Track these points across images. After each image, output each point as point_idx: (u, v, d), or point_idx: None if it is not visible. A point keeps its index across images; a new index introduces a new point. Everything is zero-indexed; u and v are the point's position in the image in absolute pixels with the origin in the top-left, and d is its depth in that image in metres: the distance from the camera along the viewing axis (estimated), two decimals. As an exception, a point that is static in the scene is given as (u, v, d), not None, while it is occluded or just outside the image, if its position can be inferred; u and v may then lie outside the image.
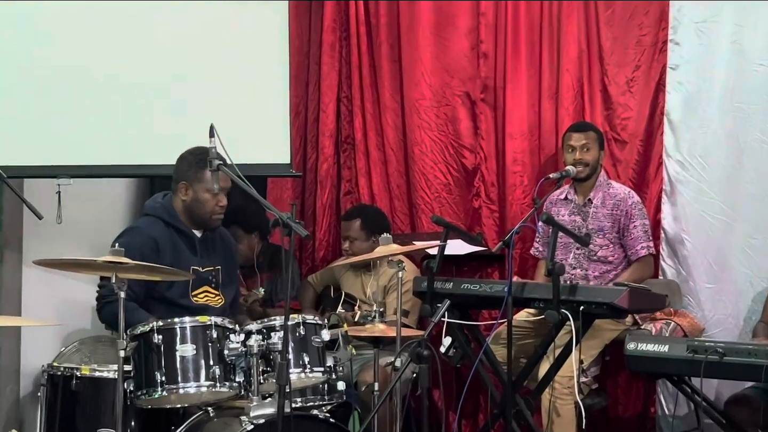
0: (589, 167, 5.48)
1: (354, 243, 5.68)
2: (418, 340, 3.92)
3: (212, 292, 4.74)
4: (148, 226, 4.71)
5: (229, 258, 4.92)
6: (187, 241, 4.72)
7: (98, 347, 5.67)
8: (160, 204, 4.78)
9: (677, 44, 5.75)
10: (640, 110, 5.85)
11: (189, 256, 4.70)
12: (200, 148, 4.67)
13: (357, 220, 5.73)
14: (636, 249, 5.43)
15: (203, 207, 4.69)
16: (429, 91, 6.26)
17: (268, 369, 4.14)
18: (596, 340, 5.20)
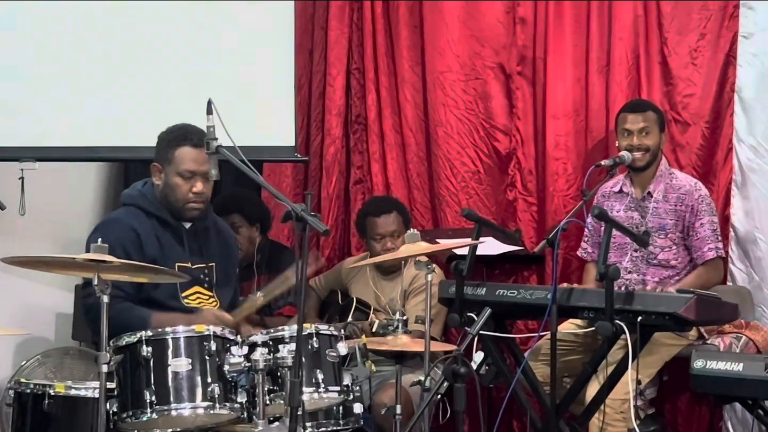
0: (649, 154, 5.48)
1: (399, 239, 5.68)
2: (453, 356, 3.92)
3: (205, 294, 4.73)
4: (126, 216, 4.70)
5: (226, 254, 4.90)
6: (173, 234, 4.71)
7: (65, 361, 5.68)
8: (139, 192, 4.78)
9: (751, 9, 5.76)
10: (706, 86, 5.86)
11: (176, 252, 4.68)
12: (180, 125, 4.71)
13: (396, 212, 5.78)
14: (703, 251, 5.44)
15: (174, 193, 4.67)
16: (455, 63, 6.27)
17: (274, 388, 4.14)
18: (654, 356, 5.21)
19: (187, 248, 4.72)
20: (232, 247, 5.02)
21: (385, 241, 5.73)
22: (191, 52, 5.82)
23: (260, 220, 5.99)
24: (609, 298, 4.65)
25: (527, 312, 5.17)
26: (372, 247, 5.80)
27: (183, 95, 5.67)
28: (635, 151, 5.45)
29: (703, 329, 5.34)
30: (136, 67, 5.74)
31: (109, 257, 3.95)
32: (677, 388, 5.71)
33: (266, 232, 6.08)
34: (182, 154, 4.60)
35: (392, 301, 5.74)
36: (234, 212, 5.71)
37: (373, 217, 5.80)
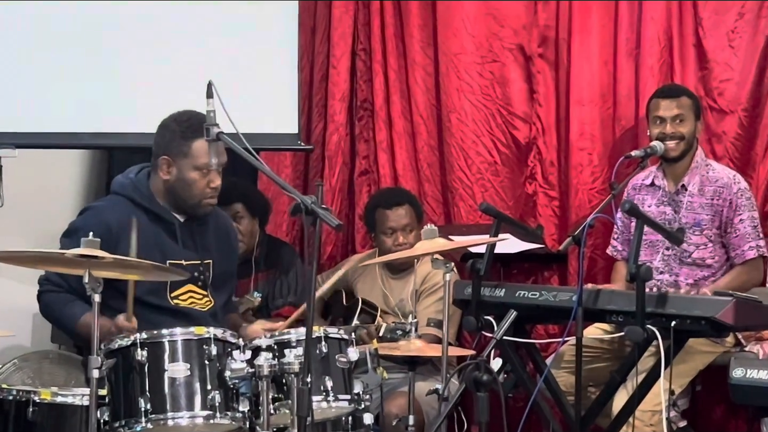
0: (684, 143, 5.48)
1: (412, 234, 5.71)
2: (476, 362, 3.94)
3: (198, 293, 4.73)
4: (107, 206, 4.71)
5: (225, 250, 4.91)
6: (164, 229, 4.71)
7: (44, 365, 5.71)
8: (130, 180, 4.77)
9: (794, -13, 5.80)
10: (744, 71, 5.89)
11: (167, 247, 4.68)
12: (189, 113, 4.68)
13: (408, 205, 5.79)
14: (742, 249, 5.45)
15: (190, 189, 4.68)
16: (471, 44, 6.30)
17: (280, 396, 4.16)
18: (688, 365, 5.23)
19: (180, 244, 4.72)
20: (233, 243, 5.01)
21: (397, 236, 5.74)
22: (183, 32, 5.84)
23: (261, 213, 6.01)
24: (640, 300, 4.66)
25: (550, 315, 5.19)
26: (382, 243, 5.81)
27: (173, 78, 5.71)
28: (668, 139, 5.46)
29: (740, 335, 5.35)
30: (123, 49, 5.75)
31: (101, 253, 3.96)
32: (712, 400, 5.75)
33: (264, 226, 6.10)
34: (200, 148, 4.56)
35: (402, 302, 5.76)
36: (236, 201, 5.71)
37: (384, 209, 5.81)
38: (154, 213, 4.69)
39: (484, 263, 5.06)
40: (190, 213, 4.75)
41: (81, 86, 5.67)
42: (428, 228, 4.73)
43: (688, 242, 5.44)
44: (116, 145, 5.92)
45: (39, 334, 6.32)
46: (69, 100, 5.66)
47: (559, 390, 5.12)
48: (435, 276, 5.61)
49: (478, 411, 3.97)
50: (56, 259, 4.12)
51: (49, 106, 5.63)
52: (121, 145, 5.87)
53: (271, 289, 5.93)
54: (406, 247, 5.68)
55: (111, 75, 5.73)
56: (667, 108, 5.50)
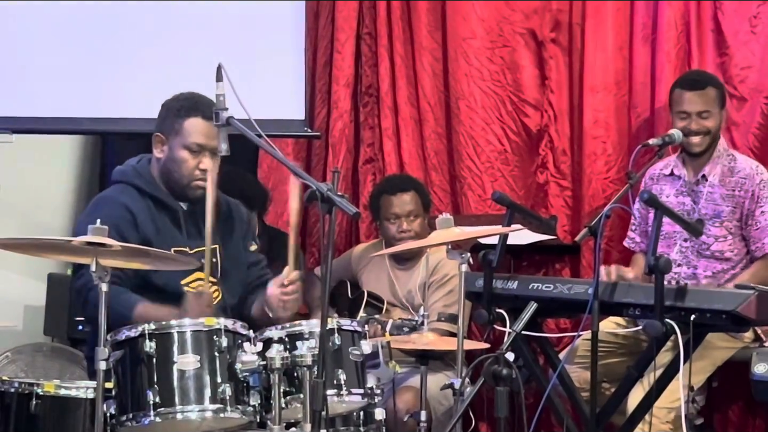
0: (710, 137, 5.51)
1: (416, 221, 5.75)
2: (494, 355, 3.97)
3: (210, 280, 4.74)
4: (117, 194, 4.72)
5: (233, 236, 4.93)
6: (169, 216, 4.74)
7: (37, 358, 5.75)
8: (133, 168, 4.80)
9: (815, -31, 5.84)
10: (766, 57, 5.93)
11: (172, 235, 4.71)
12: (189, 93, 4.73)
13: (413, 192, 5.82)
14: (763, 242, 5.48)
15: (180, 169, 4.71)
16: (480, 28, 6.34)
17: (291, 389, 4.18)
18: (706, 360, 5.26)
19: (185, 231, 4.75)
20: (242, 227, 5.02)
21: (401, 222, 5.78)
22: (183, 15, 5.88)
23: (260, 205, 6.04)
24: (659, 293, 4.65)
25: (564, 308, 5.18)
26: (386, 230, 5.85)
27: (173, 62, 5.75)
28: (693, 135, 5.48)
29: (760, 330, 5.39)
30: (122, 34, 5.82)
31: (109, 240, 3.99)
32: (729, 396, 5.80)
33: (263, 217, 6.12)
34: (191, 126, 4.63)
35: (410, 294, 5.78)
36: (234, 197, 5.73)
37: (389, 195, 5.85)
38: (158, 199, 4.72)
39: (497, 254, 5.05)
40: (181, 195, 4.77)
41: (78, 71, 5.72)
42: (443, 217, 4.75)
43: (707, 234, 5.47)
44: (115, 130, 5.97)
45: (31, 326, 6.35)
46: (66, 85, 5.69)
47: (573, 386, 5.12)
48: (444, 266, 5.63)
49: (497, 406, 4.00)
50: (62, 246, 4.14)
51: (46, 91, 5.66)
52: (119, 130, 5.91)
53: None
54: (409, 234, 5.72)
55: (109, 60, 5.79)
56: (692, 102, 5.49)
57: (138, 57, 5.80)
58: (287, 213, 6.43)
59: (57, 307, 6.18)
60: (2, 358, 5.64)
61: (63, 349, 5.88)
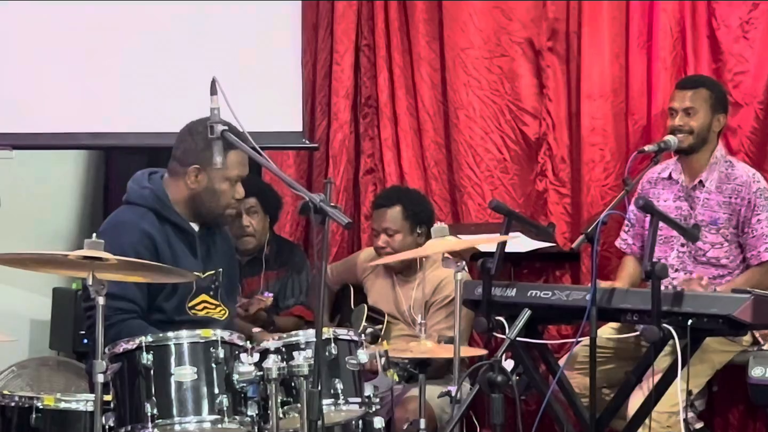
0: (693, 136, 5.49)
1: (394, 237, 5.70)
2: (489, 363, 3.97)
3: (211, 303, 4.78)
4: (138, 218, 4.70)
5: (230, 257, 4.98)
6: (184, 239, 4.75)
7: (42, 372, 5.74)
8: (150, 191, 4.76)
9: (808, -25, 5.84)
10: (759, 63, 5.91)
11: (188, 260, 4.73)
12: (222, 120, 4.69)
13: (397, 207, 5.75)
14: (758, 250, 5.46)
15: (217, 199, 4.73)
16: (479, 38, 6.34)
17: (288, 399, 4.18)
18: (705, 364, 5.26)
19: (199, 255, 4.78)
20: (233, 249, 5.11)
21: (378, 238, 5.75)
22: (182, 28, 5.90)
23: (273, 210, 6.06)
24: (656, 299, 4.67)
25: (563, 315, 5.22)
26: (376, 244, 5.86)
27: (173, 76, 5.77)
28: (677, 132, 5.48)
29: (758, 334, 5.38)
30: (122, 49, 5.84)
31: (106, 254, 3.99)
32: (729, 400, 5.78)
33: (274, 225, 6.14)
34: (233, 160, 4.62)
35: (411, 309, 5.75)
36: (251, 195, 5.73)
37: (374, 209, 5.89)
38: (175, 224, 4.74)
39: (495, 262, 5.07)
40: (211, 222, 4.81)
41: (78, 86, 5.74)
42: (438, 226, 4.74)
43: (704, 240, 5.46)
44: (114, 145, 5.98)
45: (37, 340, 6.36)
46: (66, 101, 5.71)
47: (572, 391, 5.14)
48: (447, 286, 5.58)
49: (493, 413, 4.00)
50: (59, 261, 4.15)
51: (46, 107, 5.68)
52: (119, 145, 5.92)
53: (282, 288, 5.97)
54: (386, 250, 5.70)
55: (109, 75, 5.81)
56: (679, 99, 5.53)
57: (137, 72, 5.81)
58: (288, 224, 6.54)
59: (62, 321, 6.20)
60: (8, 373, 5.64)
61: (68, 362, 5.88)
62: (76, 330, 6.07)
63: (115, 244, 4.28)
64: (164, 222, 4.71)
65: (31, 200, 6.00)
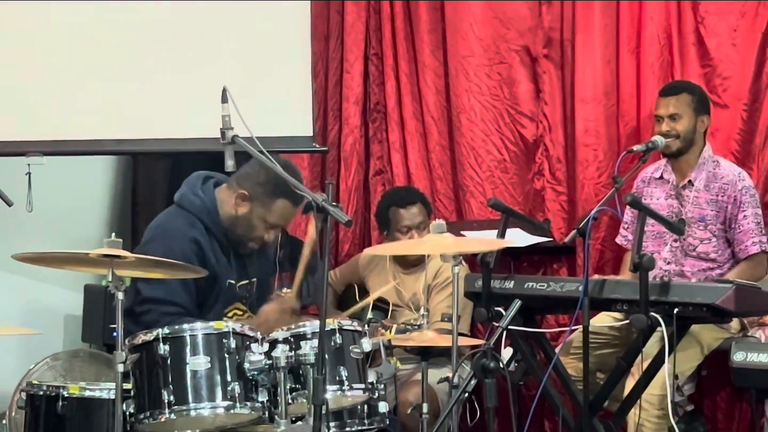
0: (680, 140, 5.50)
1: (425, 231, 5.72)
2: (482, 350, 3.97)
3: (241, 309, 4.83)
4: (186, 226, 4.72)
5: (265, 269, 5.03)
6: (223, 251, 4.79)
7: (74, 363, 5.74)
8: (201, 201, 4.78)
9: (789, -15, 5.82)
10: (744, 67, 5.91)
11: (225, 269, 4.78)
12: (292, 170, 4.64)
13: (419, 204, 5.81)
14: (746, 245, 5.45)
15: (248, 231, 4.78)
16: (479, 46, 6.33)
17: (296, 386, 4.19)
18: (694, 349, 5.25)
19: (234, 266, 4.81)
20: (271, 261, 5.12)
21: (412, 234, 5.76)
22: (202, 40, 5.92)
23: None
24: (644, 289, 4.68)
25: (558, 305, 5.22)
26: (396, 240, 5.82)
27: (194, 84, 5.77)
28: (665, 137, 5.47)
29: (746, 321, 5.37)
30: (145, 57, 5.84)
31: (124, 252, 4.01)
32: (718, 384, 5.76)
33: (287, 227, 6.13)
34: (280, 208, 4.70)
35: (415, 297, 5.76)
36: None
37: (399, 208, 5.82)
38: (218, 239, 4.77)
39: (494, 256, 5.09)
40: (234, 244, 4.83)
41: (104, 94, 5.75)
42: (437, 223, 4.73)
43: (693, 236, 5.46)
44: (139, 150, 5.99)
45: (71, 333, 6.39)
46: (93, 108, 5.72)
47: (568, 377, 5.14)
48: (446, 271, 5.60)
49: (486, 397, 4.00)
50: (81, 259, 4.17)
51: (75, 115, 5.70)
52: (143, 150, 5.94)
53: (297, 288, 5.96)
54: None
55: (133, 83, 5.81)
56: (663, 106, 5.54)
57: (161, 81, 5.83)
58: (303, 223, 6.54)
59: (93, 315, 6.21)
60: (42, 364, 5.64)
61: (99, 354, 5.88)
62: (106, 324, 6.07)
63: (168, 250, 4.39)
64: (209, 232, 4.74)
65: (62, 204, 6.02)
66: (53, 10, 5.71)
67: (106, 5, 5.76)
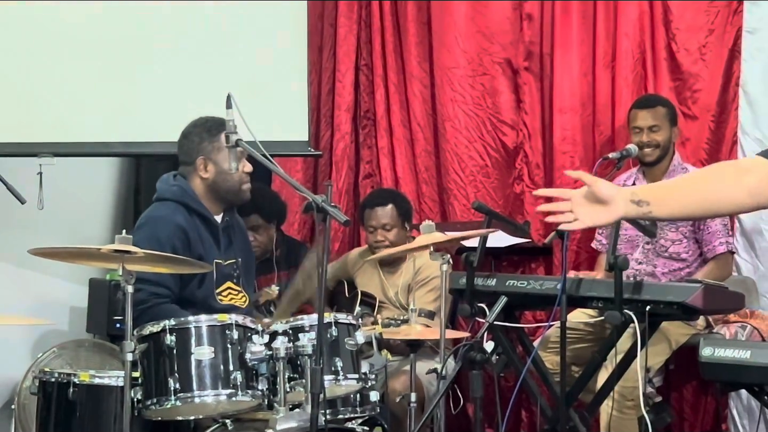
0: (660, 149, 5.55)
1: (391, 232, 5.74)
2: (470, 343, 3.99)
3: (235, 289, 4.81)
4: (171, 213, 4.70)
5: (246, 249, 4.99)
6: (210, 230, 4.76)
7: (80, 353, 5.74)
8: (178, 186, 4.77)
9: (756, 5, 5.84)
10: (712, 81, 5.95)
11: (213, 249, 4.74)
12: (205, 117, 4.76)
13: (390, 206, 5.79)
14: (713, 245, 5.50)
15: (230, 178, 4.73)
16: (463, 58, 6.35)
17: (294, 376, 4.20)
18: (663, 344, 5.28)
19: (222, 244, 4.79)
20: (248, 242, 5.12)
21: (376, 233, 5.77)
22: (204, 49, 5.91)
23: (278, 216, 6.05)
24: (618, 287, 4.70)
25: (537, 302, 5.22)
26: (367, 238, 5.87)
27: (195, 91, 5.77)
28: (645, 147, 5.52)
29: (711, 318, 5.41)
30: (150, 65, 5.84)
31: (134, 248, 4.02)
32: (684, 377, 5.80)
33: (281, 226, 6.14)
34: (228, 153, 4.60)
35: (397, 294, 5.79)
36: (252, 213, 5.74)
37: (368, 208, 5.84)
38: (203, 216, 4.75)
39: (477, 256, 5.10)
40: (234, 201, 4.82)
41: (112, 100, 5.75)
42: (426, 223, 4.78)
43: (665, 238, 5.50)
44: (144, 153, 5.99)
45: (75, 324, 6.38)
46: (101, 112, 5.73)
47: (545, 369, 5.16)
48: (427, 268, 5.64)
49: (473, 387, 4.02)
50: (93, 254, 4.18)
51: (83, 118, 5.70)
52: (148, 152, 5.94)
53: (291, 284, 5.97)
54: (383, 243, 5.72)
55: (140, 88, 5.81)
56: (643, 118, 5.58)
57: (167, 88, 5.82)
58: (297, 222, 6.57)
59: (98, 307, 6.19)
60: (49, 353, 5.65)
61: (103, 344, 5.88)
62: (110, 315, 6.06)
63: (153, 238, 4.38)
64: (193, 214, 4.71)
65: (71, 202, 6.01)
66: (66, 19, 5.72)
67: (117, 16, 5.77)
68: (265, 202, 5.94)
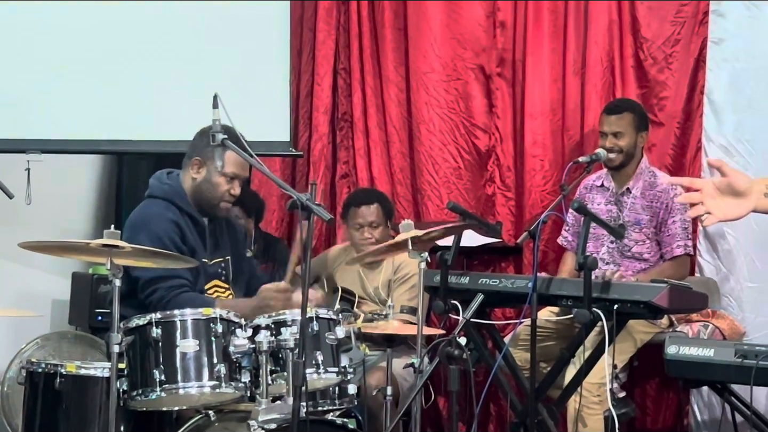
0: (623, 155, 5.54)
1: (377, 230, 5.72)
2: (449, 339, 3.98)
3: (222, 286, 4.78)
4: (164, 210, 4.67)
5: (237, 247, 4.94)
6: (197, 230, 4.73)
7: (63, 344, 5.71)
8: (170, 185, 4.74)
9: (721, 16, 5.84)
10: (677, 89, 5.95)
11: (200, 248, 4.71)
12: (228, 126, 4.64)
13: (376, 204, 5.76)
14: (672, 247, 5.51)
15: (214, 190, 4.70)
16: (438, 64, 6.33)
17: (276, 369, 4.17)
18: (628, 342, 5.29)
19: (208, 245, 4.76)
20: (241, 239, 5.06)
21: (363, 231, 5.73)
22: (189, 49, 5.88)
23: (257, 212, 6.02)
24: (587, 287, 4.70)
25: (508, 300, 5.21)
26: (352, 236, 5.81)
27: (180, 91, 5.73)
28: (609, 152, 5.52)
29: (674, 317, 5.42)
30: (136, 65, 5.80)
31: (121, 242, 3.98)
32: (647, 374, 5.80)
33: (259, 224, 6.11)
34: (230, 158, 4.58)
35: (378, 290, 5.76)
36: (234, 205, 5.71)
37: (355, 207, 5.80)
38: (192, 216, 4.72)
39: (451, 254, 5.09)
40: (208, 212, 4.77)
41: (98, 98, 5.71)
42: (405, 222, 4.75)
43: (629, 238, 5.51)
44: (130, 150, 5.95)
45: (57, 317, 6.34)
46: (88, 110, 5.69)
47: (516, 365, 5.15)
48: (406, 266, 5.62)
49: (450, 382, 4.00)
50: (82, 248, 4.13)
51: (71, 116, 5.65)
52: (134, 150, 5.90)
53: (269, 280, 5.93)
54: (370, 240, 5.69)
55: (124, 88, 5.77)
56: (608, 124, 5.57)
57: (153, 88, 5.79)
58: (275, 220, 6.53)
59: (80, 300, 6.16)
60: (33, 344, 5.61)
61: (84, 336, 5.84)
62: (92, 308, 6.02)
63: (154, 237, 4.36)
64: (184, 213, 4.69)
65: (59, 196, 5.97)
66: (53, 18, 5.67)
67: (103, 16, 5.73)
68: (247, 199, 5.90)
